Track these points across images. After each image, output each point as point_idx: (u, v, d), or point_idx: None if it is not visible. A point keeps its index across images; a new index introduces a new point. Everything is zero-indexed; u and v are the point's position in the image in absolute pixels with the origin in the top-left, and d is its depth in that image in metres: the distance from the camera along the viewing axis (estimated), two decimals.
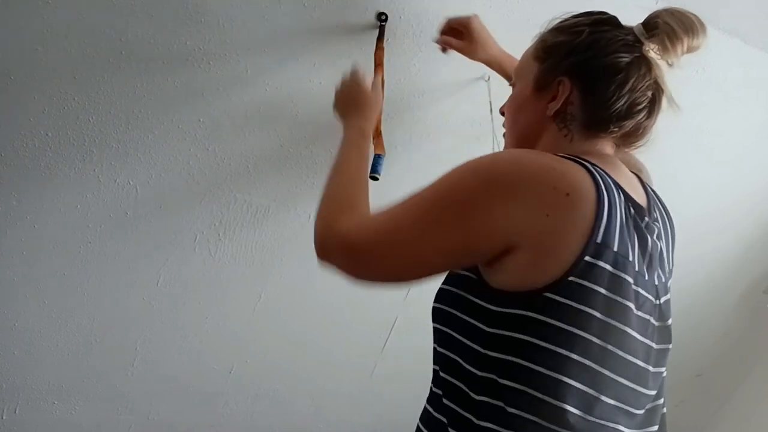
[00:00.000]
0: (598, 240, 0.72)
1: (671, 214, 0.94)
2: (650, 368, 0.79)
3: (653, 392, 0.81)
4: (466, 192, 0.75)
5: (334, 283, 1.68)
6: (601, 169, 0.79)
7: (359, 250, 0.78)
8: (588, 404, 0.73)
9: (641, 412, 0.79)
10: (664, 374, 0.84)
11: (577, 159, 0.78)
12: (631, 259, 0.75)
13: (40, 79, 1.18)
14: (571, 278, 0.71)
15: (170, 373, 1.68)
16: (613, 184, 0.78)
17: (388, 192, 1.26)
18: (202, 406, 1.79)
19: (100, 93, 1.23)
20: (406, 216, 0.77)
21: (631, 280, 0.75)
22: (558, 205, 0.72)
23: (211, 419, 1.82)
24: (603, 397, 0.74)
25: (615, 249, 0.73)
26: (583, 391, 0.72)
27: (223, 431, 1.86)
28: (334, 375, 1.84)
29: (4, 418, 1.57)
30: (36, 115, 1.21)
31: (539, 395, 0.72)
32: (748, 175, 1.98)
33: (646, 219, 0.82)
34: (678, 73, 0.86)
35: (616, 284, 0.73)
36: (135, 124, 1.29)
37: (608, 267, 0.72)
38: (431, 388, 0.85)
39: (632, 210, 0.79)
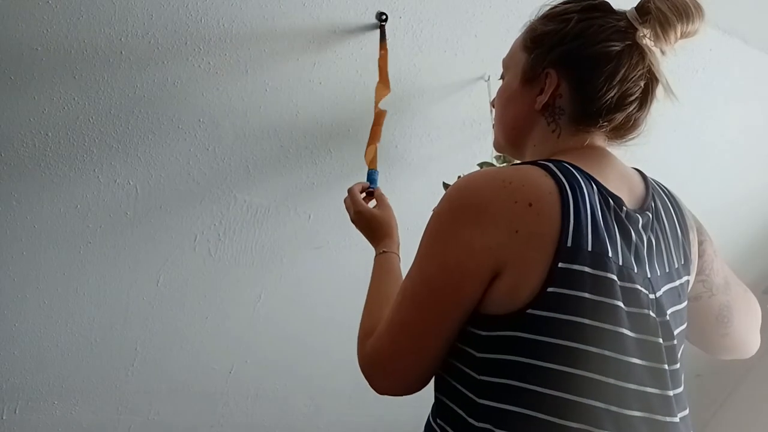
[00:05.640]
0: (569, 244, 0.69)
1: (682, 208, 0.90)
2: (666, 367, 0.74)
3: (679, 390, 0.75)
4: (439, 240, 0.74)
5: (333, 282, 1.69)
6: (568, 164, 0.76)
7: (383, 360, 0.78)
8: (605, 421, 0.68)
9: (676, 420, 0.73)
10: (681, 374, 0.78)
11: (537, 162, 0.76)
12: (611, 255, 0.71)
13: (40, 79, 1.18)
14: (550, 289, 0.69)
15: (170, 373, 1.68)
16: (584, 177, 0.75)
17: (389, 192, 1.27)
18: (202, 406, 1.79)
19: (100, 93, 1.23)
20: (403, 302, 0.76)
21: (614, 277, 0.71)
22: (524, 218, 0.70)
23: (211, 419, 1.83)
24: (625, 411, 0.69)
25: (589, 249, 0.70)
26: (594, 406, 0.68)
27: (223, 431, 1.86)
28: (334, 375, 1.84)
29: (4, 418, 1.57)
30: (36, 115, 1.21)
31: (543, 416, 0.68)
32: (747, 175, 1.98)
33: (626, 209, 0.77)
34: (678, 72, 0.84)
35: (599, 285, 0.70)
36: (135, 124, 1.29)
37: (587, 269, 0.69)
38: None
39: (610, 201, 0.76)
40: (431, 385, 0.82)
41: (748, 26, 1.53)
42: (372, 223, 1.13)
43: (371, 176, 1.29)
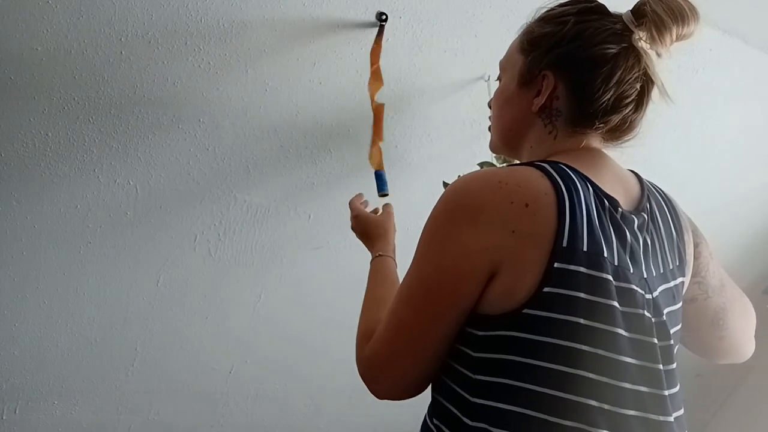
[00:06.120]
0: (564, 244, 0.70)
1: (677, 209, 0.90)
2: (660, 367, 0.74)
3: (674, 390, 0.76)
4: (436, 242, 0.75)
5: (333, 283, 1.69)
6: (564, 165, 0.76)
7: (382, 363, 0.78)
8: (600, 420, 0.68)
9: (670, 419, 0.73)
10: (676, 373, 0.78)
11: (533, 163, 0.77)
12: (606, 255, 0.72)
13: (40, 79, 1.18)
14: (546, 289, 0.69)
15: (170, 373, 1.68)
16: (579, 178, 0.75)
17: (389, 190, 1.27)
18: (202, 406, 1.79)
19: (100, 93, 1.23)
20: (400, 304, 0.77)
21: (609, 277, 0.71)
22: (520, 218, 0.70)
23: (211, 419, 1.83)
24: (620, 410, 0.70)
25: (585, 249, 0.70)
26: (589, 405, 0.69)
27: (222, 431, 1.86)
28: (333, 375, 1.84)
29: (4, 418, 1.57)
30: (36, 115, 1.21)
31: (538, 415, 0.69)
32: (747, 175, 1.98)
33: (621, 210, 0.78)
34: (678, 72, 0.84)
35: (595, 285, 0.70)
36: (135, 124, 1.29)
37: (582, 269, 0.70)
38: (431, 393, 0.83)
39: (606, 202, 0.76)
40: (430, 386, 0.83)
41: (748, 26, 1.53)
42: (367, 225, 1.16)
43: (380, 178, 1.31)
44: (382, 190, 1.32)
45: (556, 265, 0.69)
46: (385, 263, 1.05)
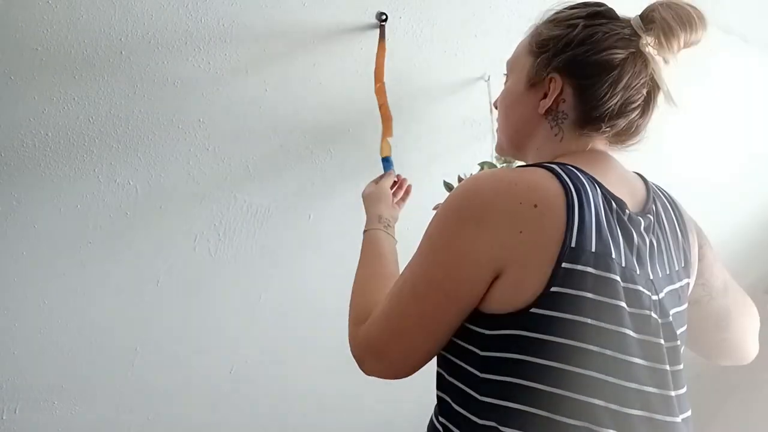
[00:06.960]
0: (573, 244, 0.70)
1: (682, 212, 0.91)
2: (667, 367, 0.75)
3: (681, 391, 0.76)
4: (443, 238, 0.75)
5: (334, 283, 1.69)
6: (573, 167, 0.77)
7: (378, 347, 0.79)
8: (606, 420, 0.69)
9: (677, 420, 0.74)
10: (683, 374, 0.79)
11: (542, 164, 0.77)
12: (614, 256, 0.72)
13: (40, 79, 1.18)
14: (553, 289, 0.70)
15: (170, 373, 1.68)
16: (588, 180, 0.76)
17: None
18: (202, 406, 1.79)
19: (100, 93, 1.23)
20: (403, 294, 0.77)
21: (617, 278, 0.72)
22: (528, 219, 0.71)
23: (211, 419, 1.82)
24: (626, 410, 0.70)
25: (593, 250, 0.71)
26: (595, 404, 0.69)
27: (223, 431, 1.86)
28: (334, 375, 1.84)
29: (4, 418, 1.57)
30: (36, 115, 1.21)
31: (545, 413, 0.69)
32: (748, 175, 1.98)
33: (628, 212, 0.78)
34: (678, 72, 0.84)
35: (602, 286, 0.71)
36: (135, 124, 1.29)
37: (589, 269, 0.70)
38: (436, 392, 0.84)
39: (613, 204, 0.77)
40: (433, 384, 0.83)
41: (748, 26, 1.53)
42: (374, 192, 1.19)
43: (387, 162, 1.32)
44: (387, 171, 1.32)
45: (563, 265, 0.70)
46: (383, 238, 1.06)
